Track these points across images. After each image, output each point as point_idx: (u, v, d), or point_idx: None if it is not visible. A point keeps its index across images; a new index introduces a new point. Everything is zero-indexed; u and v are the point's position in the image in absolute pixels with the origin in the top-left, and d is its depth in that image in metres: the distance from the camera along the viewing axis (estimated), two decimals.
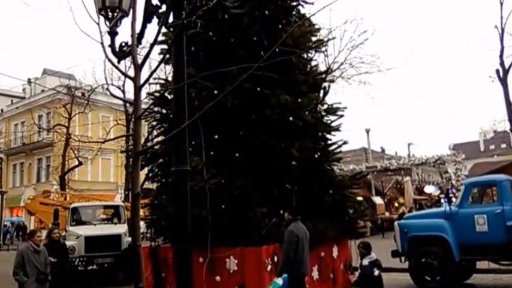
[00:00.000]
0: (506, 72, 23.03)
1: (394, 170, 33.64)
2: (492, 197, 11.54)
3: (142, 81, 4.68)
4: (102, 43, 4.36)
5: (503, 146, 61.70)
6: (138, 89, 4.32)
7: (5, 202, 37.58)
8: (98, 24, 4.36)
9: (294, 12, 10.82)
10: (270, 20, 9.92)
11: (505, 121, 26.43)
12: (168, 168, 8.45)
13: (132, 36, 4.38)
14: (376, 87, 28.88)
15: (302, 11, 11.07)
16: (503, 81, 23.10)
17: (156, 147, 10.16)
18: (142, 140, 19.29)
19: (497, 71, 23.22)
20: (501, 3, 22.62)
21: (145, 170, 10.97)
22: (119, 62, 4.77)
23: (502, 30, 22.93)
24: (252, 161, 9.14)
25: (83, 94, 33.55)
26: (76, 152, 33.72)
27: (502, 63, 23.07)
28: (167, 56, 7.92)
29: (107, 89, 27.88)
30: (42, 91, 44.13)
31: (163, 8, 4.47)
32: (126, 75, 5.36)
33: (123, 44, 4.57)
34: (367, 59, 27.64)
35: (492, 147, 69.64)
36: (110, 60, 4.52)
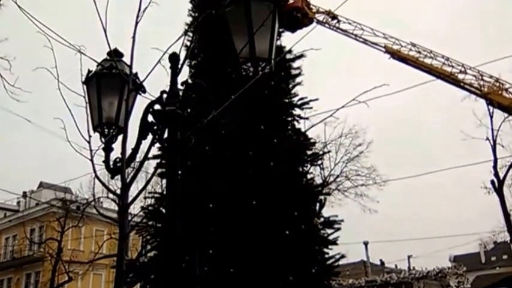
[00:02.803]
0: (501, 183, 23.24)
1: (394, 285, 32.54)
2: None
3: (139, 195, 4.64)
4: (92, 160, 4.37)
5: (505, 257, 60.50)
6: (124, 208, 4.25)
7: None
8: (89, 142, 4.40)
9: (289, 127, 11.09)
10: (265, 135, 10.13)
11: (504, 232, 26.19)
12: (160, 284, 8.14)
13: (122, 154, 4.38)
14: (373, 199, 29.11)
15: (297, 125, 11.37)
16: (499, 192, 23.22)
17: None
18: (135, 255, 18.81)
19: (493, 182, 23.46)
20: (491, 116, 23.44)
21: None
22: (112, 177, 4.74)
23: (494, 141, 23.55)
24: (248, 277, 8.85)
25: (78, 208, 33.33)
26: (67, 266, 32.76)
27: (496, 174, 23.38)
28: (158, 171, 7.99)
29: (94, 206, 27.99)
30: (37, 204, 43.85)
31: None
32: (113, 193, 5.32)
33: (118, 160, 4.57)
34: (363, 172, 27.99)
35: (493, 258, 68.20)
36: (98, 178, 4.50)
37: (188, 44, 6.26)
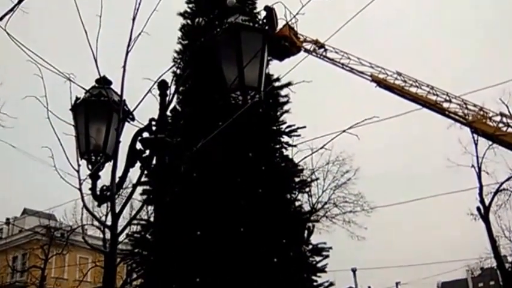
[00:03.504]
0: (486, 209, 23.37)
1: None
2: None
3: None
4: (80, 189, 4.31)
5: (492, 283, 60.38)
6: (114, 239, 4.19)
7: None
8: (78, 171, 4.35)
9: (277, 154, 11.09)
10: (253, 162, 10.11)
11: (491, 258, 26.21)
12: None
13: (111, 184, 4.34)
14: (360, 226, 29.08)
15: (285, 152, 11.36)
16: (485, 219, 23.33)
17: None
18: (120, 283, 18.47)
19: (479, 209, 23.61)
20: (475, 144, 23.71)
21: None
22: (99, 206, 4.69)
23: (479, 169, 23.77)
24: None
25: (62, 235, 32.75)
26: None
27: (482, 201, 23.55)
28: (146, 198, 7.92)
29: (83, 237, 27.63)
30: (20, 231, 43.03)
31: (147, 152, 4.50)
32: (100, 222, 5.25)
33: (104, 188, 4.52)
34: (351, 198, 27.99)
35: (481, 284, 68.03)
36: (87, 208, 4.46)
37: (178, 71, 6.28)
